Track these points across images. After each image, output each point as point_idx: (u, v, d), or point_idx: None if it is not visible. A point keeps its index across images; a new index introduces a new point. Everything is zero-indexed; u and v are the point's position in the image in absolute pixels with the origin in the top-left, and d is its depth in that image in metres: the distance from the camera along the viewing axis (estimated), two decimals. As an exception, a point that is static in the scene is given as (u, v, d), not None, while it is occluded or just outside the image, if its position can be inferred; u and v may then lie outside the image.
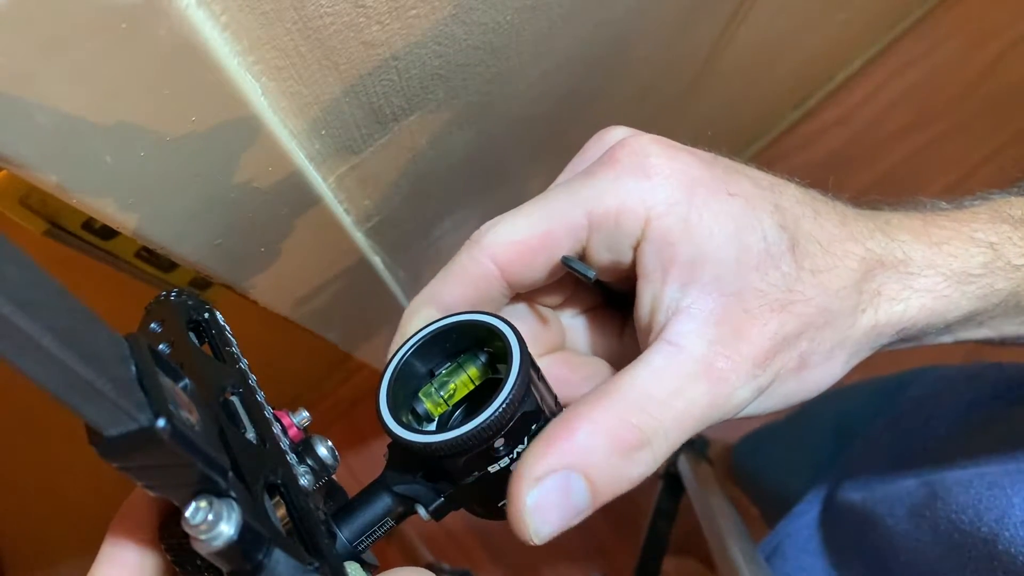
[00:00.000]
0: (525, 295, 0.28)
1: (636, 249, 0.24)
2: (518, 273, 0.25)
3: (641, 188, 0.23)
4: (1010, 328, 0.27)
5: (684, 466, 0.82)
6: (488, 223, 0.25)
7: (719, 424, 0.23)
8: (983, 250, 0.25)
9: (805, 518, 0.52)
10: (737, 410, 0.23)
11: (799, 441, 0.69)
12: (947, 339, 0.27)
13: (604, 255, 0.24)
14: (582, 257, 0.25)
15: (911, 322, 0.25)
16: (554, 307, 0.29)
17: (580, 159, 0.27)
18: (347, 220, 0.43)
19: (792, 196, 0.24)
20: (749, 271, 0.23)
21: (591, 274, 0.25)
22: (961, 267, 0.25)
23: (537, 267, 0.25)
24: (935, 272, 0.25)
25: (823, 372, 0.24)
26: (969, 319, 0.26)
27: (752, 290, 0.23)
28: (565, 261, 0.25)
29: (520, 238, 0.24)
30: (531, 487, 0.21)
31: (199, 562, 0.19)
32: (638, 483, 0.22)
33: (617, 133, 0.27)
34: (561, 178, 0.27)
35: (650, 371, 0.22)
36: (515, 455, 0.22)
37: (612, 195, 0.23)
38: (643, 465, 0.22)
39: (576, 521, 0.22)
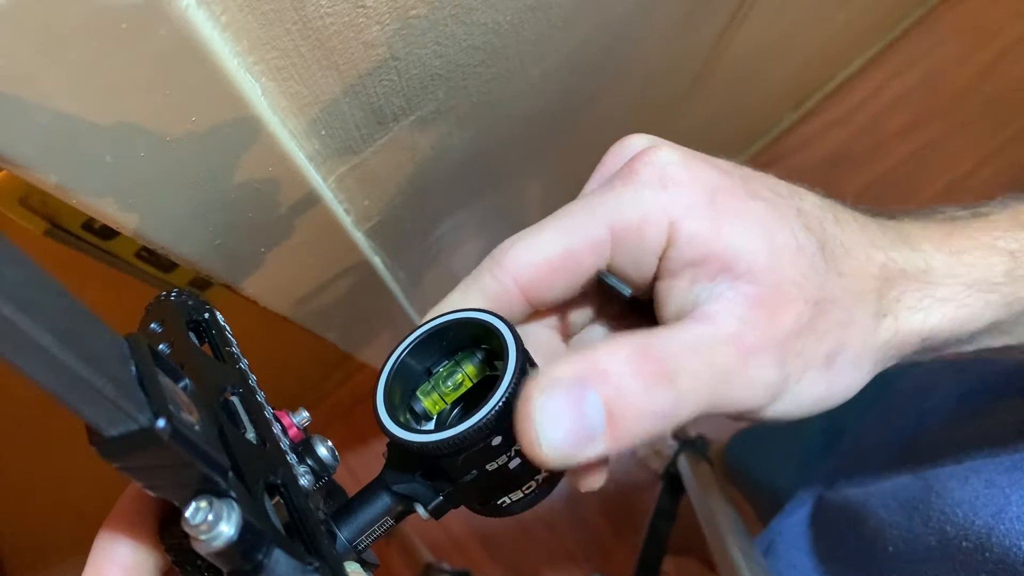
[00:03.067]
0: (549, 313, 0.27)
1: (661, 258, 0.24)
2: (539, 293, 0.25)
3: (661, 199, 0.23)
4: None
5: (684, 466, 0.82)
6: (509, 240, 0.25)
7: (733, 413, 0.22)
8: (1004, 259, 0.25)
9: (796, 515, 0.52)
10: (763, 390, 0.22)
11: (789, 437, 0.69)
12: (969, 349, 0.26)
13: (630, 270, 0.24)
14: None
15: (933, 332, 0.24)
16: (581, 325, 0.29)
17: (600, 173, 0.27)
18: (347, 220, 0.43)
19: (812, 202, 0.25)
20: (785, 265, 0.23)
21: (627, 292, 0.25)
22: (982, 276, 0.25)
23: (558, 286, 0.24)
24: (956, 281, 0.24)
25: (849, 377, 0.24)
26: (992, 328, 0.25)
27: (789, 282, 0.23)
28: (601, 277, 0.25)
29: (542, 259, 0.24)
30: (543, 390, 0.20)
31: (199, 562, 0.19)
32: (655, 432, 0.21)
33: (636, 143, 0.26)
34: (583, 193, 0.27)
35: (675, 330, 0.22)
36: (512, 453, 0.22)
37: (633, 208, 0.23)
38: (663, 401, 0.20)
39: (587, 450, 0.20)
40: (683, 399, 0.21)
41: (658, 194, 0.23)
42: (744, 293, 0.23)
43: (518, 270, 0.24)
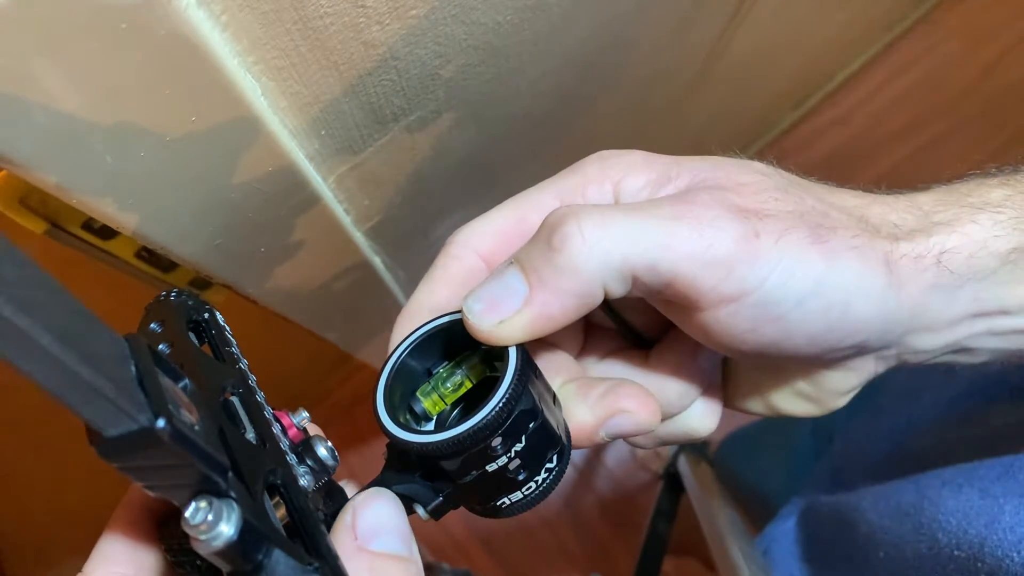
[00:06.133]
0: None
1: None
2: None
3: (598, 166, 0.25)
4: None
5: (684, 466, 0.82)
6: (459, 227, 0.26)
7: (704, 272, 0.20)
8: (1000, 189, 0.23)
9: (789, 522, 0.52)
10: (721, 239, 0.20)
11: (778, 441, 0.69)
12: (993, 294, 0.23)
13: None
14: None
15: (948, 249, 0.22)
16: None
17: None
18: (347, 220, 0.43)
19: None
20: (745, 174, 0.23)
21: None
22: (981, 200, 0.23)
23: None
24: (952, 203, 0.23)
25: (855, 263, 0.21)
26: (1016, 255, 0.23)
27: (751, 180, 0.23)
28: None
29: (495, 227, 0.25)
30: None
31: (199, 562, 0.19)
32: (587, 279, 0.21)
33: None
34: None
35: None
36: (512, 454, 0.22)
37: (575, 177, 0.25)
38: (580, 248, 0.21)
39: (511, 304, 0.21)
40: (606, 246, 0.20)
41: (596, 164, 0.25)
42: (694, 184, 0.23)
43: (477, 242, 0.25)
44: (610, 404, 0.24)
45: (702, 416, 0.28)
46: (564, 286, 0.21)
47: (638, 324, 0.28)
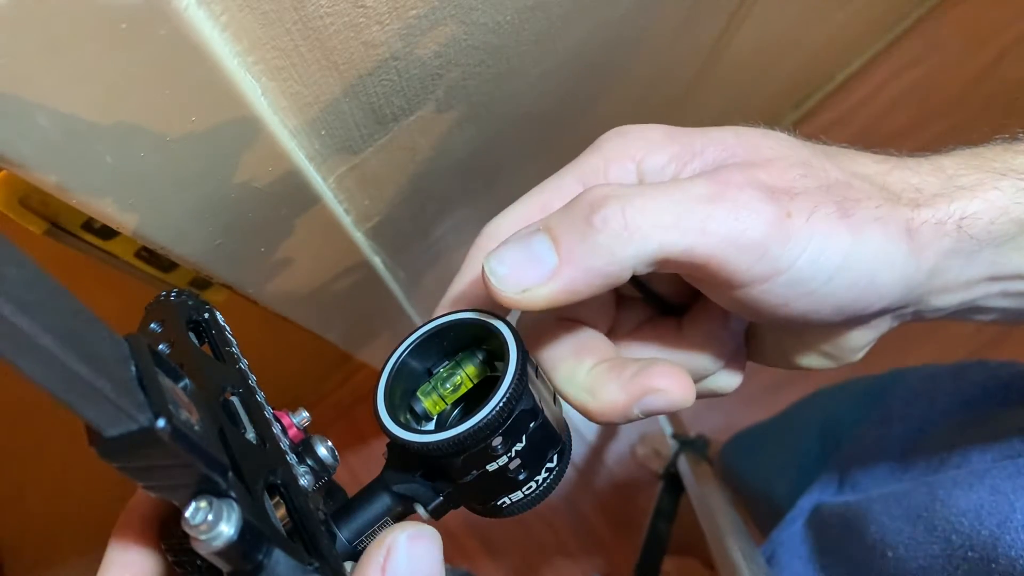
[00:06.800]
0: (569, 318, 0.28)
1: None
2: None
3: (619, 144, 0.25)
4: None
5: (684, 466, 0.82)
6: (489, 221, 0.26)
7: (739, 256, 0.20)
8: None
9: (796, 524, 0.52)
10: (756, 220, 0.20)
11: (785, 443, 0.69)
12: (1012, 263, 0.23)
13: None
14: None
15: (968, 215, 0.22)
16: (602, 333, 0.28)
17: None
18: (347, 220, 0.43)
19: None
20: (769, 145, 0.23)
21: None
22: (1004, 165, 0.23)
23: None
24: (974, 170, 0.23)
25: (879, 234, 0.21)
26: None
27: (777, 155, 0.23)
28: None
29: (521, 216, 0.25)
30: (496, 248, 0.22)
31: (199, 562, 0.19)
32: (617, 259, 0.21)
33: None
34: None
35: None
36: (513, 453, 0.22)
37: (596, 157, 0.25)
38: (615, 223, 0.20)
39: (538, 272, 0.21)
40: (647, 232, 0.20)
41: (616, 141, 0.25)
42: (721, 160, 0.23)
43: (504, 235, 0.25)
44: (643, 383, 0.23)
45: (729, 376, 0.28)
46: (595, 264, 0.21)
47: (665, 292, 0.28)
